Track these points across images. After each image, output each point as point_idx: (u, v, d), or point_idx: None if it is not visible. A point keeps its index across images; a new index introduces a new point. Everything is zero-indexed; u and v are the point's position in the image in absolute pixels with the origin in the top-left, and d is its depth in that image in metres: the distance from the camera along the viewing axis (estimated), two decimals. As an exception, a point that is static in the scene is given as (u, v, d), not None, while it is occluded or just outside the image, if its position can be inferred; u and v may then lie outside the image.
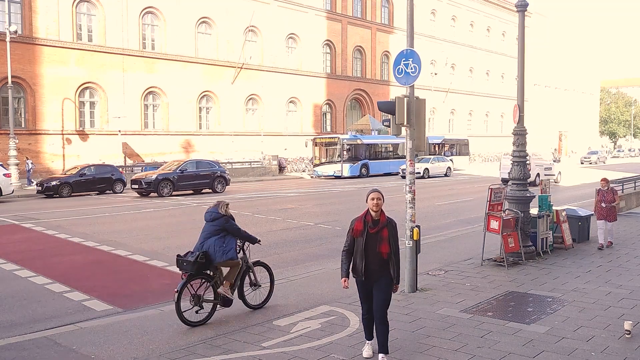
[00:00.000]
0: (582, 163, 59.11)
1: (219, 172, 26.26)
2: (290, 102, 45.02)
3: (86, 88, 33.12)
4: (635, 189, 19.11)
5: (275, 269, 10.07)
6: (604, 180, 11.36)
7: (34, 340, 6.29)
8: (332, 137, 37.54)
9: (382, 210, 5.26)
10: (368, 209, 5.25)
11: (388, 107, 8.07)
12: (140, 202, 21.89)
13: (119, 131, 32.72)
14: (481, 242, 10.08)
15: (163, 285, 8.99)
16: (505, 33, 69.56)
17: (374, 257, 5.18)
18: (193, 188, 25.62)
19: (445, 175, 38.18)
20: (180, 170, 24.94)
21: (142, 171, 32.58)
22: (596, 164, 58.78)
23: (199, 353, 5.78)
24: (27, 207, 20.35)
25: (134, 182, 24.61)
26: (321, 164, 37.23)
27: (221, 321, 6.90)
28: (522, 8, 10.31)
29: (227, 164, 37.83)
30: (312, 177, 37.76)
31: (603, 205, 11.05)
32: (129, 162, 33.53)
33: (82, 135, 32.73)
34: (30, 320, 7.18)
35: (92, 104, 33.65)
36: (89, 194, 25.51)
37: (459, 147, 48.37)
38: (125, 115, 33.36)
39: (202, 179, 25.64)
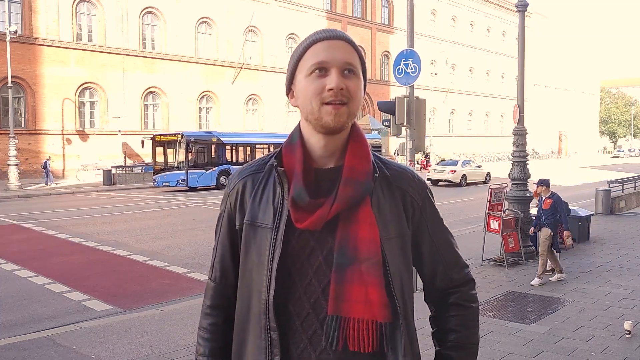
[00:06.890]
0: None
1: None
2: (291, 102, 45.00)
3: (86, 88, 33.13)
4: (635, 189, 19.10)
5: (275, 269, 10.07)
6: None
7: (34, 340, 6.28)
8: (174, 135, 26.71)
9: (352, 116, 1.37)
10: (294, 131, 1.45)
11: (388, 107, 8.08)
12: (140, 202, 21.89)
13: (119, 131, 32.72)
14: (481, 242, 10.08)
15: (163, 285, 8.99)
16: (505, 33, 69.56)
17: (322, 334, 1.34)
18: None
19: None
20: None
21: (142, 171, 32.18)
22: None
23: (199, 353, 5.76)
24: (27, 207, 20.35)
25: None
26: (162, 170, 26.60)
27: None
28: (522, 8, 10.31)
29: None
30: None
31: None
32: (129, 162, 33.53)
33: (82, 135, 32.74)
34: (30, 320, 7.17)
35: (92, 104, 33.66)
36: None
37: (379, 149, 35.35)
38: (125, 115, 33.38)
39: None
